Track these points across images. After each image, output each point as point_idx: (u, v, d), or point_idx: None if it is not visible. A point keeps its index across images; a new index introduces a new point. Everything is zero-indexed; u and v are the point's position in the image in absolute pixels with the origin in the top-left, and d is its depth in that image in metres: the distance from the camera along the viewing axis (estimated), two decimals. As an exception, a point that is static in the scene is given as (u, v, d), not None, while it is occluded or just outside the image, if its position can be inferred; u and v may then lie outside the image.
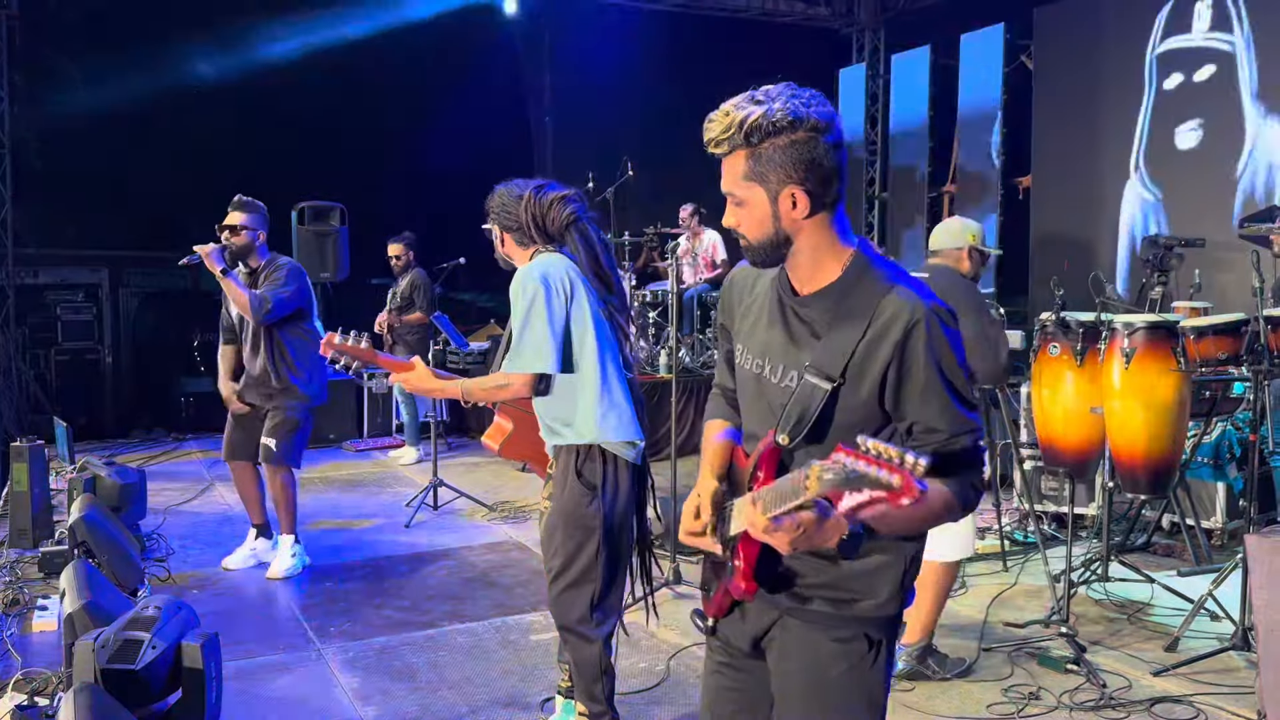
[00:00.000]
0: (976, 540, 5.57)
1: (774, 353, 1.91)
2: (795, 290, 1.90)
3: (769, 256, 1.87)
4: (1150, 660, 4.08)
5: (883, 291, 1.79)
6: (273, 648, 4.27)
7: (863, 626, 1.89)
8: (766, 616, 1.97)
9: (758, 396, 1.95)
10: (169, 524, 6.13)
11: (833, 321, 1.82)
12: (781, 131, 1.75)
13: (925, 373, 1.76)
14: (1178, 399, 4.43)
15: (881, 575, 1.86)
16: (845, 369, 1.78)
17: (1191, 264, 6.27)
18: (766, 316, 1.94)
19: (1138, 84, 8.37)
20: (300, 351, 5.14)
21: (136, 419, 10.21)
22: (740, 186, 1.81)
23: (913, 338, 1.75)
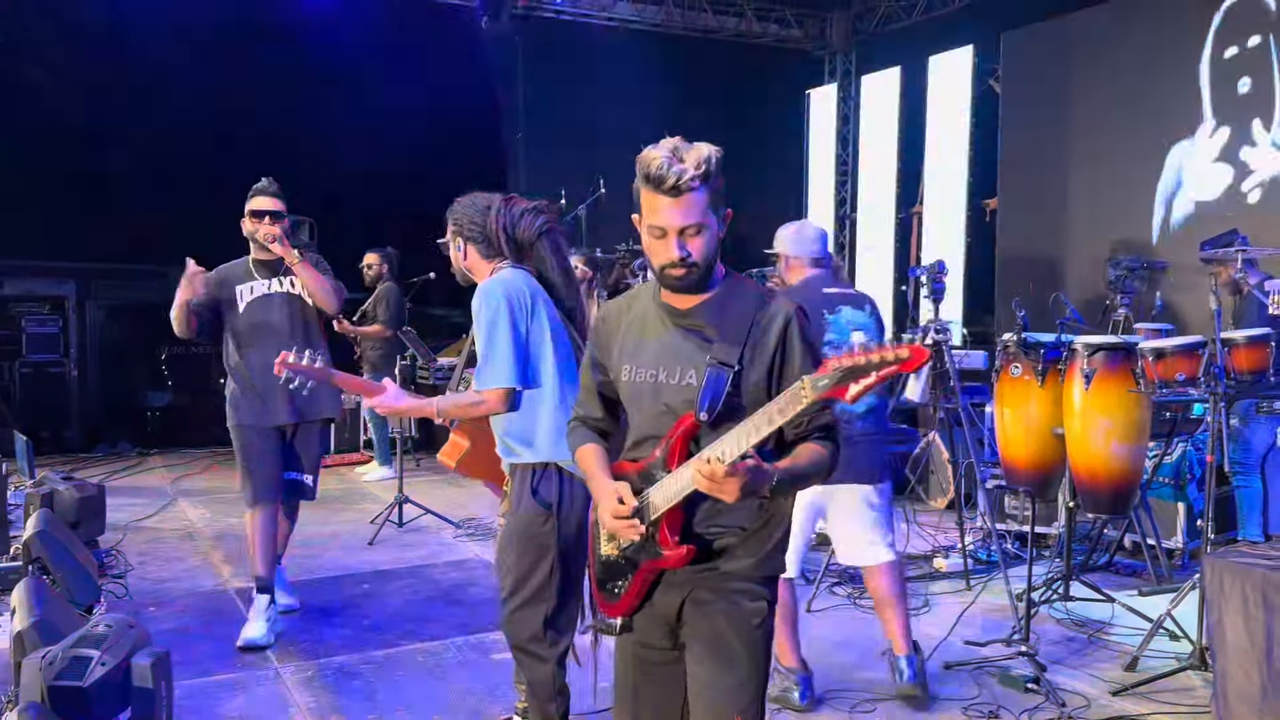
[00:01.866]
0: (940, 559, 5.62)
1: (668, 359, 2.23)
2: (674, 307, 2.25)
3: (710, 274, 2.22)
4: (1109, 680, 4.10)
5: (758, 297, 2.24)
6: (229, 666, 4.21)
7: (763, 586, 2.23)
8: (675, 596, 2.24)
9: (654, 401, 2.24)
10: (129, 540, 6.06)
11: (720, 324, 2.20)
12: (719, 166, 2.15)
13: (801, 356, 2.18)
14: (1138, 419, 4.48)
15: (767, 534, 2.23)
16: (740, 357, 2.16)
17: (1154, 286, 6.35)
18: (653, 334, 2.27)
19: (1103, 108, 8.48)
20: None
21: (101, 433, 10.09)
22: (705, 215, 2.15)
23: (790, 330, 2.19)
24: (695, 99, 10.50)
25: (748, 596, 2.21)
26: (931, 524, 6.27)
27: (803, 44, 11.95)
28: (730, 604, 2.20)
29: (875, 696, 3.95)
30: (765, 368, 2.18)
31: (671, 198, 2.10)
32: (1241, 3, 7.57)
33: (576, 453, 2.41)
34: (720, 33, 11.37)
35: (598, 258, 6.52)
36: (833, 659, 4.35)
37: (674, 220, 2.12)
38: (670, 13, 11.03)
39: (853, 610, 5.00)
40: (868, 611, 4.96)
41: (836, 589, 5.26)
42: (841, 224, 11.47)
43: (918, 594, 5.17)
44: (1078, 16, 8.79)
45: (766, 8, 11.48)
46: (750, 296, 2.23)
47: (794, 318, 2.21)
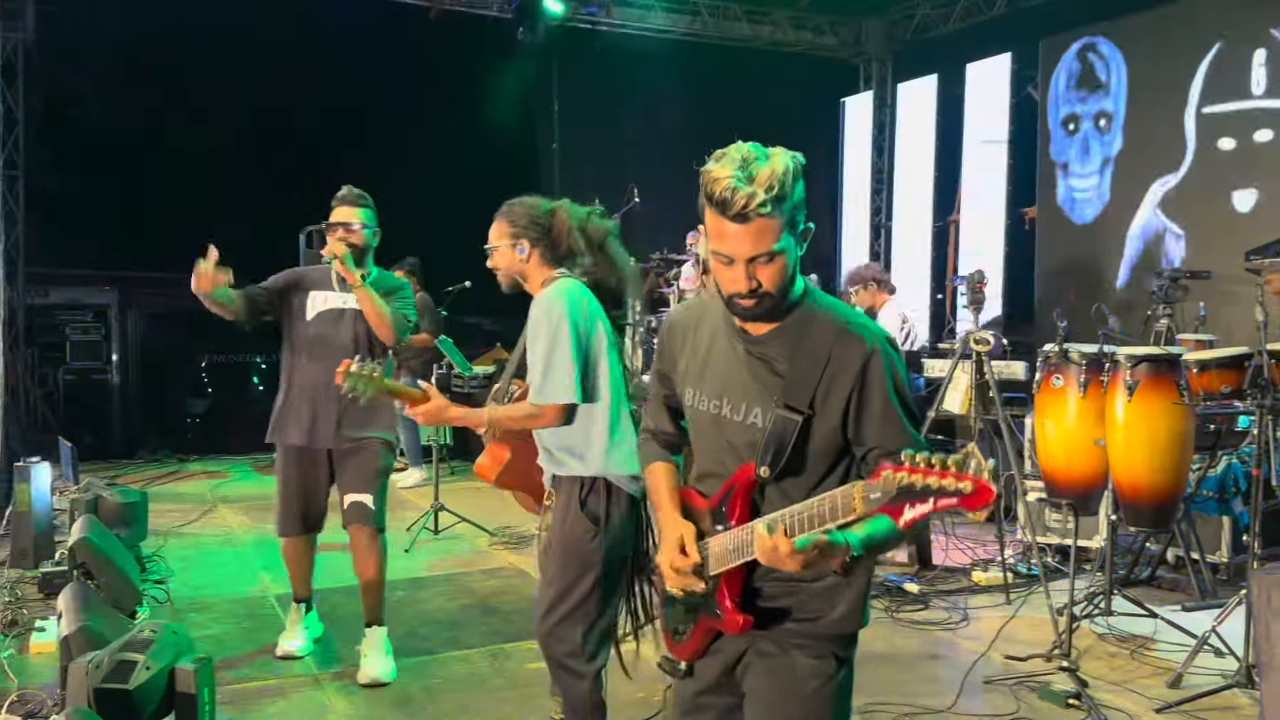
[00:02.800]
0: (979, 573, 5.57)
1: (733, 392, 2.00)
2: (747, 331, 1.98)
3: (787, 303, 1.93)
4: (1153, 697, 4.03)
5: (838, 327, 1.92)
6: (269, 673, 4.25)
7: (829, 645, 2.02)
8: (738, 645, 2.07)
9: (717, 436, 2.03)
10: (170, 546, 6.13)
11: (792, 357, 1.93)
12: (795, 181, 1.86)
13: (882, 400, 1.89)
14: (1181, 432, 4.41)
15: (841, 593, 2.00)
16: (812, 401, 1.90)
17: (1197, 296, 6.26)
18: (719, 358, 2.03)
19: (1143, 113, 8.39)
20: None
21: (143, 439, 10.24)
22: (780, 241, 1.85)
23: (870, 368, 1.89)
24: (729, 108, 10.50)
25: (810, 653, 2.01)
26: (970, 537, 6.21)
27: (838, 52, 11.91)
28: (790, 661, 2.02)
29: (917, 710, 3.91)
30: (839, 413, 1.90)
31: (739, 224, 1.82)
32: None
33: (645, 470, 2.25)
34: (755, 41, 11.35)
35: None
36: (873, 672, 4.32)
37: (742, 249, 1.84)
38: (705, 22, 11.03)
39: (892, 623, 4.96)
40: (906, 625, 4.93)
41: (874, 601, 5.22)
42: (877, 233, 11.41)
43: (956, 608, 5.13)
44: (1118, 24, 8.70)
45: (801, 16, 11.46)
46: (829, 325, 1.93)
47: (875, 353, 1.89)
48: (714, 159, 1.86)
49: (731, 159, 1.83)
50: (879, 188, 11.44)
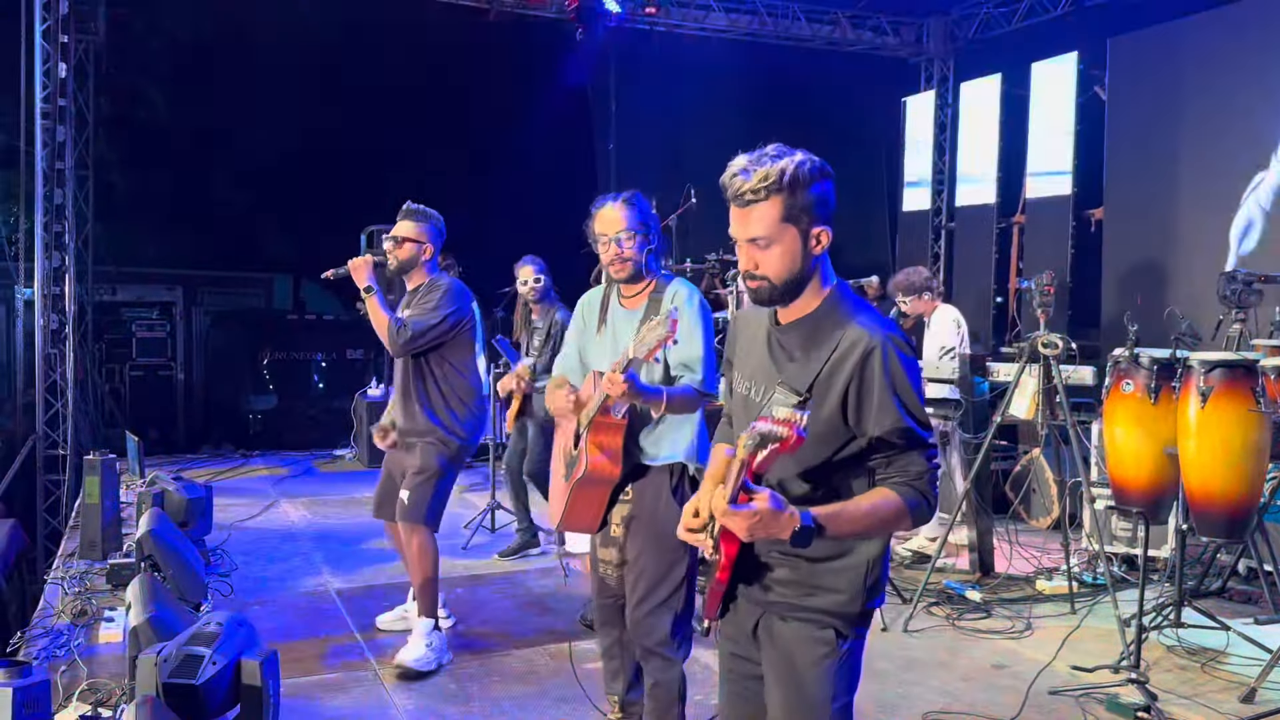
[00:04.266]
0: (1044, 581, 5.46)
1: (759, 375, 2.19)
2: (779, 320, 2.17)
3: (790, 292, 2.10)
4: (1226, 711, 3.93)
5: (846, 321, 2.07)
6: (330, 667, 4.29)
7: (830, 620, 2.12)
8: (751, 614, 2.22)
9: (745, 416, 2.19)
10: (233, 540, 6.23)
11: (804, 346, 2.10)
12: (813, 179, 2.05)
13: (880, 393, 2.00)
14: (1256, 440, 4.27)
15: (843, 575, 2.11)
16: (811, 386, 2.03)
17: (1272, 300, 6.07)
18: (757, 346, 2.23)
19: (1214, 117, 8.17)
20: (453, 387, 4.38)
21: (206, 435, 10.45)
22: (774, 229, 2.04)
23: (870, 362, 2.01)
24: (788, 108, 10.43)
25: (815, 626, 2.12)
26: (1034, 545, 6.09)
27: (899, 51, 11.77)
28: (794, 633, 2.14)
29: (978, 716, 3.84)
30: (837, 401, 2.03)
31: (737, 207, 2.06)
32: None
33: (712, 449, 2.38)
34: (814, 41, 11.26)
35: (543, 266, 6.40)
36: (935, 681, 4.26)
37: (737, 231, 2.07)
38: (764, 21, 10.97)
39: (952, 630, 4.88)
40: (968, 633, 4.85)
41: (934, 609, 5.14)
42: (937, 234, 11.25)
43: (1020, 616, 5.03)
44: (1188, 23, 8.48)
45: (862, 15, 11.34)
46: (841, 320, 2.08)
47: (878, 349, 2.01)
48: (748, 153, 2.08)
49: (754, 152, 2.06)
50: (940, 188, 11.28)
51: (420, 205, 4.43)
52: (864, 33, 11.45)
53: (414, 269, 4.40)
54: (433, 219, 4.41)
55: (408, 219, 4.38)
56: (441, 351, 4.34)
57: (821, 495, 2.06)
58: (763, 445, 1.82)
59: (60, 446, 8.12)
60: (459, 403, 4.38)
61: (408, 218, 4.38)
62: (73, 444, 8.10)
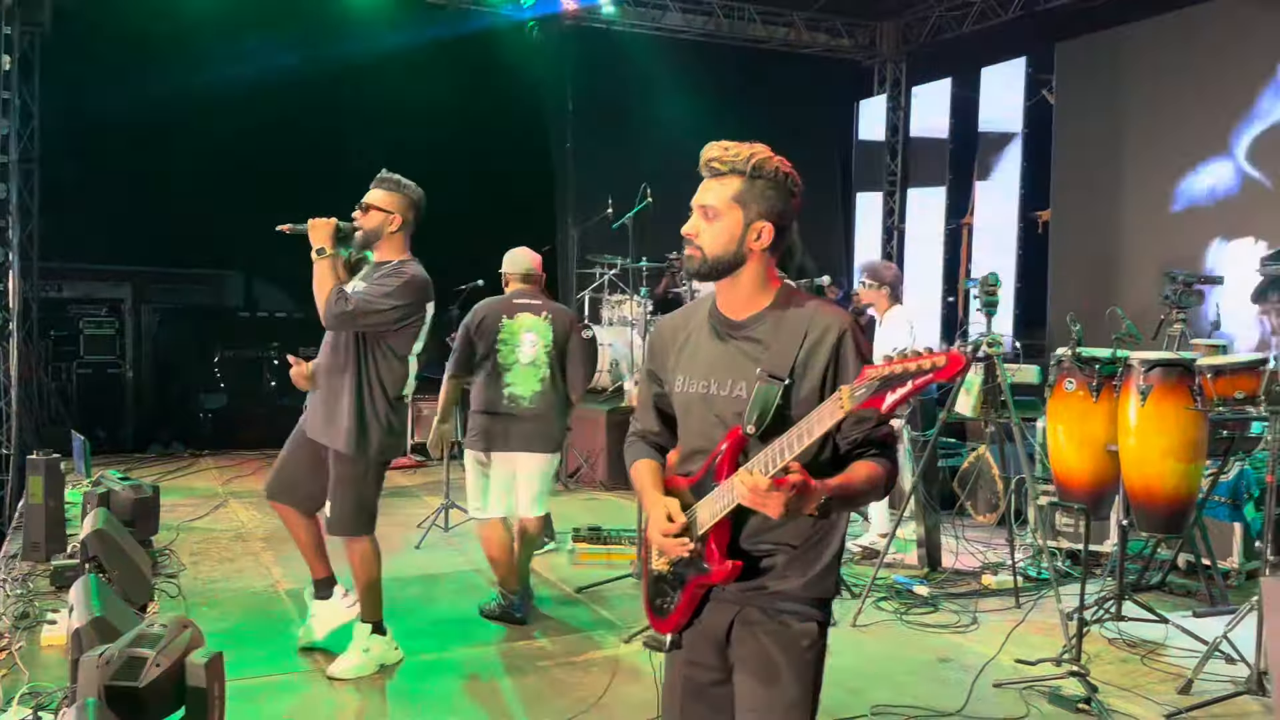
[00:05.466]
0: (989, 576, 5.55)
1: (719, 371, 2.22)
2: (729, 318, 2.24)
3: (715, 270, 2.19)
4: (1163, 702, 4.01)
5: (813, 309, 2.19)
6: (278, 669, 4.26)
7: (813, 608, 2.17)
8: (725, 614, 2.20)
9: (705, 412, 2.22)
10: (181, 540, 6.16)
11: (774, 335, 2.18)
12: (778, 179, 2.16)
13: (855, 370, 2.08)
14: (1194, 438, 4.39)
15: (818, 553, 2.18)
16: (792, 370, 2.13)
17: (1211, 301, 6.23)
18: (706, 346, 2.26)
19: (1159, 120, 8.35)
20: (385, 374, 4.07)
21: (155, 434, 10.29)
22: (724, 203, 2.15)
23: (844, 343, 2.14)
24: (743, 109, 10.49)
25: (798, 618, 2.16)
26: (980, 540, 6.19)
27: (853, 54, 11.90)
28: (779, 625, 2.16)
29: (926, 713, 3.91)
30: (817, 381, 2.12)
31: (704, 175, 2.18)
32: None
33: (631, 468, 2.38)
34: (769, 42, 11.35)
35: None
36: (881, 673, 4.32)
37: (697, 196, 2.18)
38: (719, 22, 11.04)
39: (900, 625, 4.95)
40: (915, 628, 4.92)
41: (883, 604, 5.21)
42: (890, 235, 11.39)
43: (966, 611, 5.11)
44: (1134, 28, 8.66)
45: (816, 18, 11.44)
46: (804, 309, 2.20)
47: (848, 331, 2.16)
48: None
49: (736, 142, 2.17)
50: (892, 190, 11.42)
51: (395, 175, 4.12)
52: (818, 35, 11.56)
53: (379, 240, 4.07)
54: (406, 190, 4.09)
55: (379, 187, 4.09)
56: (379, 341, 4.04)
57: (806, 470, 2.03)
58: (893, 385, 1.82)
59: (4, 446, 7.97)
60: (384, 397, 4.06)
61: (379, 185, 4.09)
62: (16, 443, 7.95)
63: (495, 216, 9.86)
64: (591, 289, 9.94)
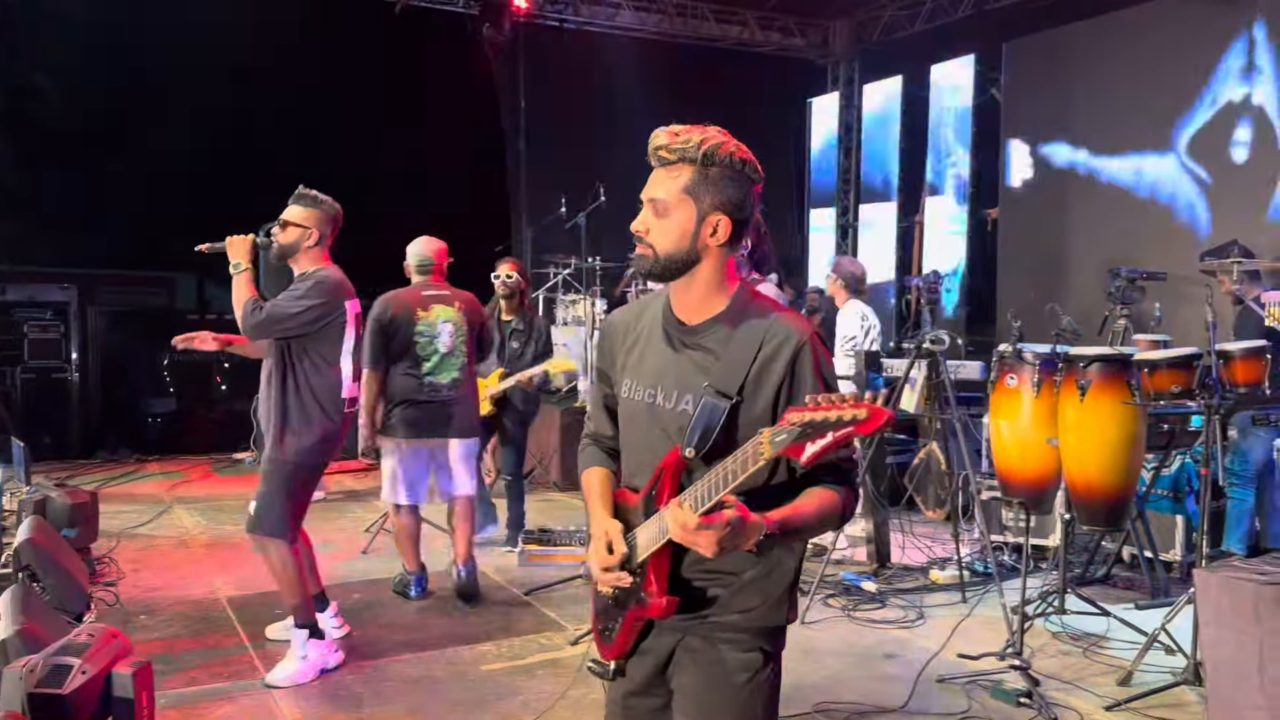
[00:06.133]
0: (936, 571, 5.58)
1: (667, 380, 2.03)
2: (682, 321, 2.04)
3: (669, 270, 2.00)
4: (1104, 694, 4.05)
5: (770, 319, 1.98)
6: (217, 676, 4.18)
7: (758, 639, 2.02)
8: (667, 641, 2.06)
9: (650, 424, 2.04)
10: (123, 547, 6.03)
11: (726, 345, 1.97)
12: (734, 166, 1.95)
13: (813, 388, 1.92)
14: (1133, 432, 4.44)
15: (769, 584, 2.01)
16: (742, 387, 1.93)
17: (1154, 296, 6.32)
18: (655, 349, 2.07)
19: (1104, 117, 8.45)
20: (314, 383, 4.15)
21: (102, 439, 10.09)
22: (674, 196, 1.95)
23: (802, 357, 1.94)
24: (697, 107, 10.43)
25: (738, 647, 2.01)
26: (929, 535, 6.23)
27: (805, 52, 11.94)
28: (718, 655, 2.01)
29: (870, 709, 3.91)
30: (769, 400, 1.93)
31: (654, 165, 1.98)
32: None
33: (582, 475, 2.22)
34: (723, 41, 11.37)
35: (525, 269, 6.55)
36: (826, 671, 4.32)
37: (646, 189, 1.99)
38: (673, 21, 11.04)
39: (847, 621, 4.97)
40: (862, 624, 4.93)
41: (831, 600, 5.22)
42: (845, 233, 11.44)
43: (913, 606, 5.14)
44: (1079, 27, 8.77)
45: (770, 16, 11.48)
46: (763, 316, 1.99)
47: (806, 345, 1.94)
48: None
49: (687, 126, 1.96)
50: (846, 188, 11.47)
51: (312, 191, 4.26)
52: (772, 34, 11.59)
53: (297, 255, 4.19)
54: (322, 205, 4.23)
55: (296, 203, 4.23)
56: (304, 343, 4.13)
57: (753, 496, 1.88)
58: (813, 434, 1.65)
59: (-59, 453, 7.77)
60: (315, 402, 4.13)
61: (296, 202, 4.23)
62: (-44, 450, 7.75)
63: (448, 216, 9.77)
64: (546, 289, 9.90)
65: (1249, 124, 7.54)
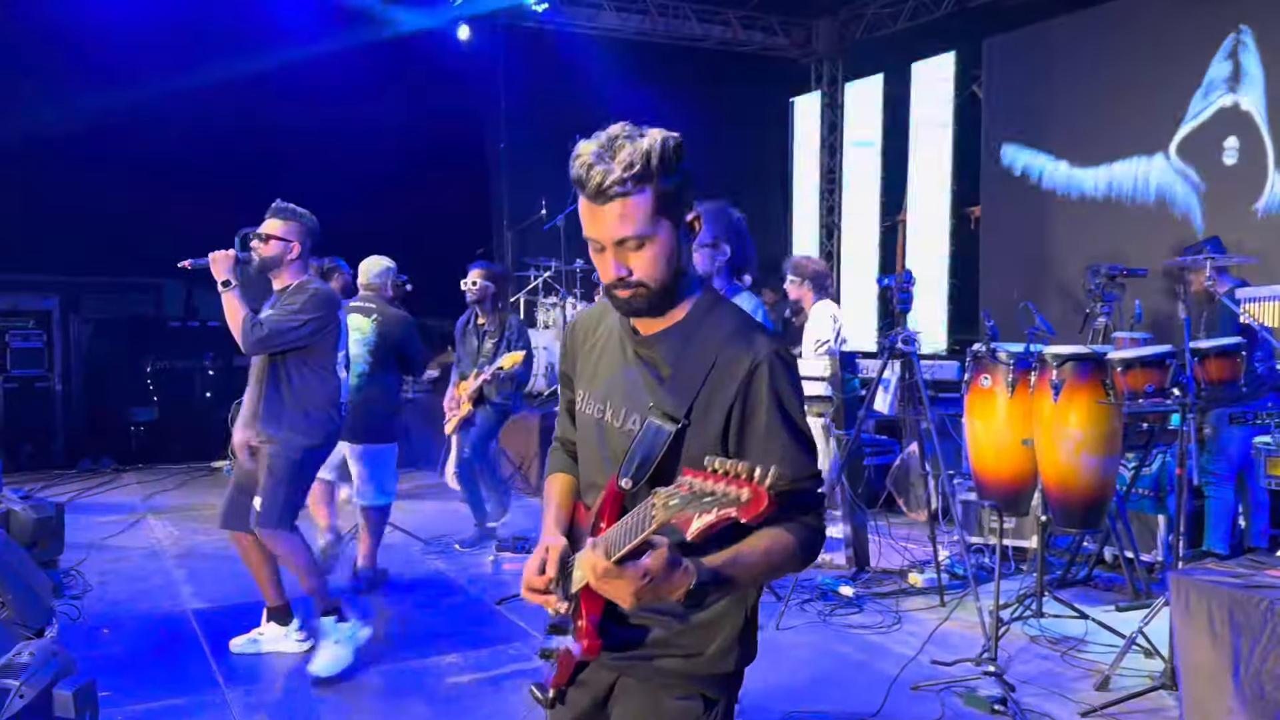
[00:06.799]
0: (915, 574, 5.51)
1: (615, 396, 1.84)
2: (637, 330, 1.83)
3: (669, 297, 1.76)
4: (1080, 700, 3.98)
5: (728, 332, 1.75)
6: (175, 692, 4.09)
7: (700, 685, 1.82)
8: (605, 678, 1.88)
9: (599, 443, 1.87)
10: (92, 559, 5.94)
11: (677, 362, 1.76)
12: (677, 159, 1.71)
13: (768, 414, 1.71)
14: (1108, 432, 4.37)
15: (717, 629, 1.80)
16: (690, 410, 1.72)
17: (1134, 294, 6.24)
18: (609, 359, 1.88)
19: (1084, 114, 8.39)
20: (310, 393, 4.24)
21: (85, 448, 10.01)
22: (648, 225, 1.70)
23: (756, 378, 1.71)
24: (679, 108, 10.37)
25: (677, 693, 1.81)
26: (912, 538, 6.15)
27: (788, 52, 11.87)
28: (654, 702, 1.82)
29: (842, 717, 3.85)
30: (720, 424, 1.72)
31: (599, 204, 1.70)
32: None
33: (545, 481, 2.07)
34: (706, 41, 11.29)
35: (497, 270, 6.49)
36: (799, 678, 4.25)
37: (606, 231, 1.71)
38: (655, 22, 10.96)
39: (824, 628, 4.89)
40: (838, 629, 4.86)
41: (807, 605, 5.14)
42: (830, 232, 11.37)
43: (890, 611, 5.06)
44: (1059, 23, 8.70)
45: (752, 16, 11.40)
46: (722, 327, 1.76)
47: (765, 362, 1.71)
48: (584, 140, 1.74)
49: (602, 135, 1.72)
50: (830, 187, 11.40)
51: (290, 204, 4.30)
52: (755, 33, 11.52)
53: (279, 268, 4.26)
54: (302, 218, 4.29)
55: (275, 217, 4.26)
56: (302, 355, 4.22)
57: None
58: (702, 507, 1.43)
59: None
60: (313, 408, 4.25)
61: (275, 215, 4.26)
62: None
63: (429, 220, 9.71)
64: (526, 291, 9.82)
65: (1234, 122, 7.47)
